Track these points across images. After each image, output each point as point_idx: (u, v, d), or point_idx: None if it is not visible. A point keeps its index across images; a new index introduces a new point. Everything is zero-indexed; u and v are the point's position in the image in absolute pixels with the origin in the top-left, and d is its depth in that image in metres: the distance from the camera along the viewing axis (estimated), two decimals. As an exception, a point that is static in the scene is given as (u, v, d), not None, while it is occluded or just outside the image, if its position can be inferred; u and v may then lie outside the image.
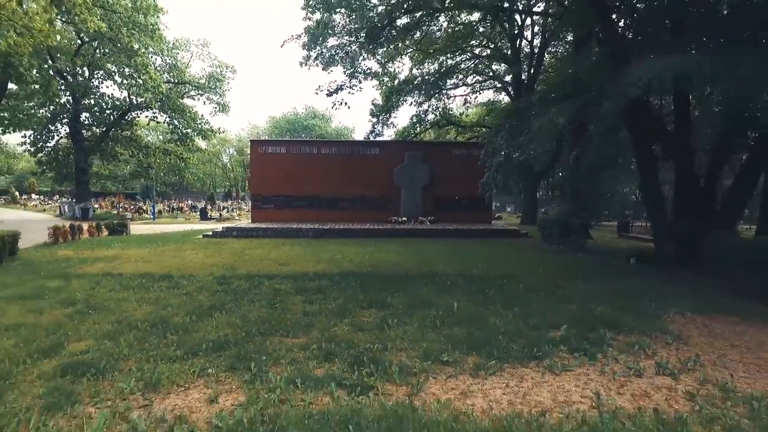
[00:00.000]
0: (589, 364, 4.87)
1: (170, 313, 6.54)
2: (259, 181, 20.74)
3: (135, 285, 8.52)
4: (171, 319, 6.24)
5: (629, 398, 4.07)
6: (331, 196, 20.37)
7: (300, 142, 24.59)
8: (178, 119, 31.12)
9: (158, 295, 7.69)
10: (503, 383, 4.37)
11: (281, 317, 6.36)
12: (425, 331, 5.81)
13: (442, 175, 19.98)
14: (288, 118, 57.32)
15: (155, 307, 6.90)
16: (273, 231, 17.65)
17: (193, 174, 51.77)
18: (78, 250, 13.81)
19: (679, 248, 9.49)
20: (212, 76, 31.57)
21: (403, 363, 4.74)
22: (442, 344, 5.31)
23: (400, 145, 22.38)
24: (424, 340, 5.47)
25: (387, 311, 6.66)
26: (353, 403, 3.82)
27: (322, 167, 20.36)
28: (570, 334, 5.63)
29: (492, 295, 7.66)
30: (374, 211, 20.13)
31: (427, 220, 19.52)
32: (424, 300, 7.28)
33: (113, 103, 30.78)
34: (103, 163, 37.01)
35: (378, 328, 5.88)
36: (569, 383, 4.39)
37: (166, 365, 4.66)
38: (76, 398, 3.95)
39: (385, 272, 9.80)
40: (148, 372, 4.47)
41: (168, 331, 5.75)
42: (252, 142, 21.94)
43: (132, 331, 5.76)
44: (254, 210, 20.91)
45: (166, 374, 4.43)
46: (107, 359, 4.79)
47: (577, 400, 4.02)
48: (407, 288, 8.21)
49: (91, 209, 29.52)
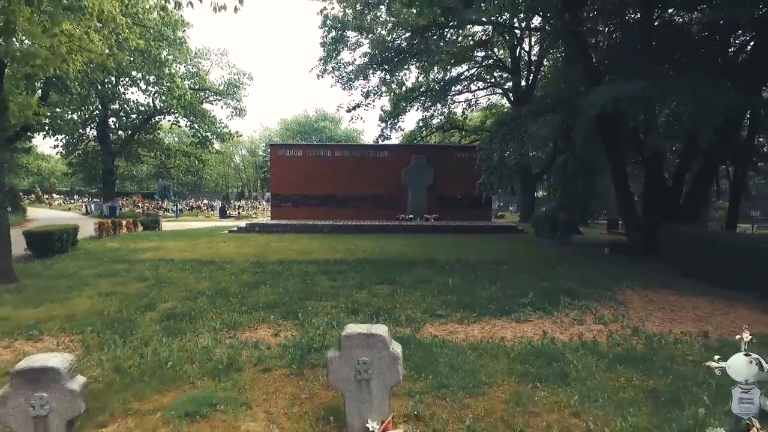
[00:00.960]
0: (546, 317, 6.61)
1: (225, 286, 8.35)
2: (277, 181, 22.60)
3: (188, 268, 10.36)
4: (228, 289, 8.05)
5: (567, 335, 5.81)
6: (344, 196, 22.16)
7: (315, 145, 26.39)
8: (199, 123, 33.14)
9: (210, 275, 9.51)
10: (480, 327, 6.13)
11: (312, 289, 8.15)
12: (425, 297, 7.57)
13: (445, 176, 21.67)
14: (299, 120, 59.37)
15: (211, 283, 8.72)
16: (291, 227, 19.47)
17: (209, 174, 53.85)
18: (123, 242, 15.72)
19: (645, 239, 11.14)
20: (230, 83, 33.56)
21: (409, 315, 6.52)
22: (437, 305, 7.08)
23: (406, 148, 24.08)
24: (424, 302, 7.23)
25: (396, 286, 8.42)
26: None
27: (335, 169, 22.16)
28: (536, 300, 7.35)
29: (481, 275, 9.40)
30: (383, 209, 21.87)
31: (432, 218, 21.24)
32: (425, 278, 9.03)
33: (138, 108, 32.84)
34: (126, 165, 39.13)
35: (389, 296, 7.65)
36: (527, 327, 6.14)
37: (238, 315, 6.48)
38: (182, 331, 5.77)
39: (394, 259, 11.55)
40: (227, 319, 6.28)
41: (229, 296, 7.57)
42: (271, 146, 23.80)
43: (201, 296, 7.58)
44: (273, 208, 22.77)
45: (239, 320, 6.25)
46: (193, 312, 6.61)
47: (530, 335, 5.77)
48: (412, 270, 9.95)
49: (117, 208, 31.59)
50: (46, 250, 11.87)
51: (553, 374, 4.36)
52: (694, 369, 4.47)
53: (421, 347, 5.16)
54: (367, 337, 2.99)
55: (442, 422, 3.47)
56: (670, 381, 4.22)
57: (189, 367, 4.56)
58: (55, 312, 6.61)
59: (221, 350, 5.07)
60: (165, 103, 31.67)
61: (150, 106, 32.57)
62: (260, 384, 4.19)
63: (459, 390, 4.01)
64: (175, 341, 5.40)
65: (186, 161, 38.04)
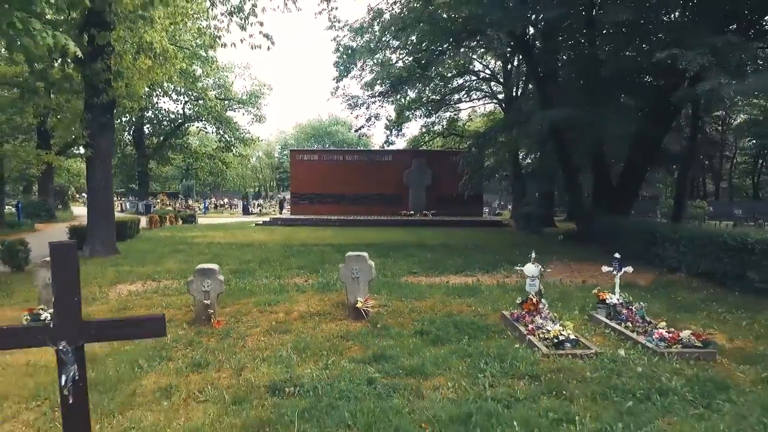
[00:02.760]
0: (485, 274, 9.76)
1: (266, 257, 11.64)
2: (296, 182, 25.97)
3: (234, 247, 13.71)
4: (269, 259, 11.35)
5: (492, 282, 8.96)
6: (354, 194, 25.39)
7: (329, 151, 29.66)
8: (224, 129, 36.81)
9: (252, 252, 12.83)
10: (438, 278, 9.32)
11: (327, 258, 11.38)
12: (408, 264, 10.78)
13: (442, 177, 24.75)
14: (313, 124, 62.97)
15: (255, 255, 12.03)
16: (309, 221, 22.80)
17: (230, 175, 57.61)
18: (172, 232, 19.19)
19: (587, 228, 14.16)
20: (252, 94, 37.12)
21: (393, 272, 9.72)
22: (414, 268, 10.28)
23: (408, 153, 27.26)
24: (406, 266, 10.43)
25: (388, 258, 11.61)
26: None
27: (346, 171, 25.43)
28: (485, 266, 10.49)
29: (454, 252, 12.57)
30: (388, 206, 25.05)
31: (430, 214, 24.36)
32: (412, 254, 12.23)
33: (169, 115, 36.58)
34: (157, 166, 42.94)
35: (382, 263, 10.85)
36: (469, 278, 9.31)
37: (279, 271, 9.76)
38: (248, 276, 9.06)
39: (392, 244, 14.75)
40: (272, 273, 9.56)
41: (270, 262, 10.86)
42: (291, 151, 27.24)
43: (252, 263, 10.86)
44: (293, 205, 26.15)
45: (281, 274, 9.53)
46: (249, 270, 9.90)
47: (468, 282, 8.94)
48: (403, 250, 13.13)
49: (152, 205, 35.32)
50: (121, 234, 15.31)
51: (468, 293, 7.56)
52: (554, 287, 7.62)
53: (395, 284, 8.38)
54: (357, 257, 6.23)
55: (397, 306, 6.70)
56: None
57: (258, 290, 7.85)
58: (158, 269, 9.98)
59: (274, 285, 8.35)
60: (193, 111, 35.39)
61: (180, 114, 36.28)
62: (300, 297, 7.45)
63: (410, 297, 7.24)
64: (241, 280, 8.70)
65: (210, 163, 41.75)
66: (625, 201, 14.24)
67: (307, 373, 4.26)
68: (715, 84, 8.53)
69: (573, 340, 5.03)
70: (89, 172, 11.79)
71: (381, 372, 4.32)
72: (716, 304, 7.02)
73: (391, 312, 6.55)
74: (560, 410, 3.54)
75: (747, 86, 8.25)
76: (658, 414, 3.54)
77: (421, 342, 5.28)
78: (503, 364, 4.49)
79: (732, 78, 8.56)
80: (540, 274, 6.14)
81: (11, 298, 7.37)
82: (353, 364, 4.54)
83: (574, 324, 5.71)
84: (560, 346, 4.93)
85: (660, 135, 13.30)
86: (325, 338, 5.38)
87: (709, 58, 8.72)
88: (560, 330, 5.12)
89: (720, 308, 6.77)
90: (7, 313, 6.44)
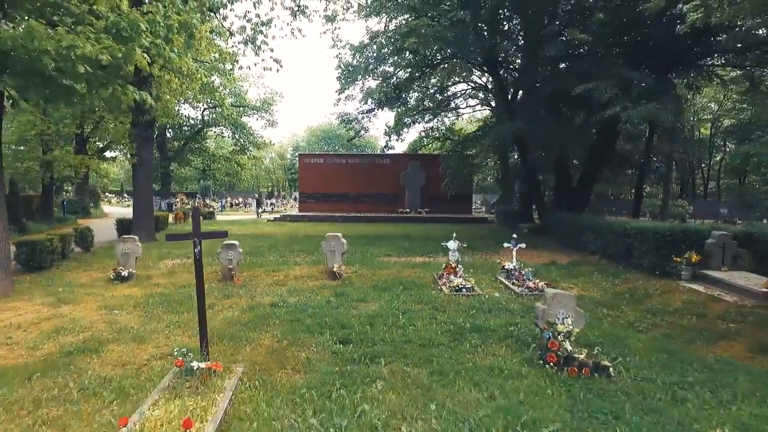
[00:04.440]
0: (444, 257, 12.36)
1: (274, 244, 14.47)
2: (304, 182, 28.83)
3: (248, 237, 16.57)
4: (276, 245, 14.16)
5: (447, 260, 11.62)
6: (356, 194, 28.13)
7: (333, 155, 32.43)
8: (239, 134, 39.94)
9: (263, 240, 15.66)
10: (406, 258, 12.00)
11: (324, 245, 14.15)
12: (388, 248, 13.48)
13: (435, 178, 27.29)
14: (323, 127, 66.05)
15: (266, 243, 14.85)
16: (315, 217, 25.62)
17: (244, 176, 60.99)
18: (196, 226, 22.17)
19: (546, 222, 16.68)
20: (265, 101, 40.18)
21: (373, 253, 12.44)
22: (391, 252, 12.98)
23: (404, 156, 29.91)
24: (384, 250, 13.14)
25: (373, 246, 14.31)
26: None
27: (348, 173, 28.19)
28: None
29: (430, 241, 15.22)
30: (386, 204, 27.74)
31: (424, 211, 26.98)
32: (394, 242, 14.94)
33: (189, 121, 39.82)
34: (178, 168, 46.32)
35: (368, 248, 13.58)
36: (430, 259, 11.96)
37: (284, 253, 12.56)
38: (259, 256, 11.86)
39: (382, 235, 17.45)
40: (279, 254, 12.36)
41: (278, 247, 13.67)
42: (300, 155, 30.17)
43: (263, 247, 13.68)
44: (300, 203, 29.05)
45: (285, 254, 12.32)
46: (260, 252, 12.71)
47: (427, 261, 11.59)
48: (390, 239, 15.82)
49: (173, 204, 38.55)
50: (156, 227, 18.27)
51: (421, 267, 10.25)
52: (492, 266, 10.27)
53: (370, 261, 11.10)
54: (334, 236, 9.00)
55: (364, 273, 9.44)
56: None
57: (266, 263, 10.65)
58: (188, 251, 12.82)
59: (278, 260, 11.14)
60: (211, 117, 38.55)
61: (199, 120, 39.48)
62: (296, 267, 10.22)
63: (376, 268, 9.97)
64: (252, 258, 11.52)
65: (227, 165, 44.95)
66: (582, 200, 16.73)
67: (292, 300, 7.03)
68: (617, 110, 11.09)
69: (469, 287, 7.71)
70: (135, 176, 14.75)
71: (338, 300, 7.08)
72: (597, 273, 9.61)
73: (359, 276, 9.29)
74: (434, 314, 6.25)
75: (639, 112, 10.72)
76: (491, 317, 6.21)
77: (372, 290, 8.00)
78: (415, 298, 7.21)
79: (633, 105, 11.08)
80: (458, 248, 8.80)
81: (92, 266, 10.29)
82: (322, 297, 7.31)
83: (484, 282, 8.39)
84: (458, 291, 7.61)
85: (611, 144, 15.82)
86: (308, 288, 8.13)
87: (616, 90, 11.27)
88: (462, 282, 7.81)
89: (596, 276, 9.37)
90: (93, 274, 9.35)
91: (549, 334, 4.63)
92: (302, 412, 3.56)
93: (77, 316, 6.21)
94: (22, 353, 4.89)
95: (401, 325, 5.83)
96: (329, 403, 3.69)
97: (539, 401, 3.80)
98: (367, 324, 5.82)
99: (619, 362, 4.65)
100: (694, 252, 8.70)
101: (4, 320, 6.06)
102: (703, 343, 5.51)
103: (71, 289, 7.85)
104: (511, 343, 5.23)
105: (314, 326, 5.74)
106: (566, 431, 3.36)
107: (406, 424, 3.39)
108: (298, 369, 4.49)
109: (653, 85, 11.44)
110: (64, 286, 8.23)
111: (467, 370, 4.44)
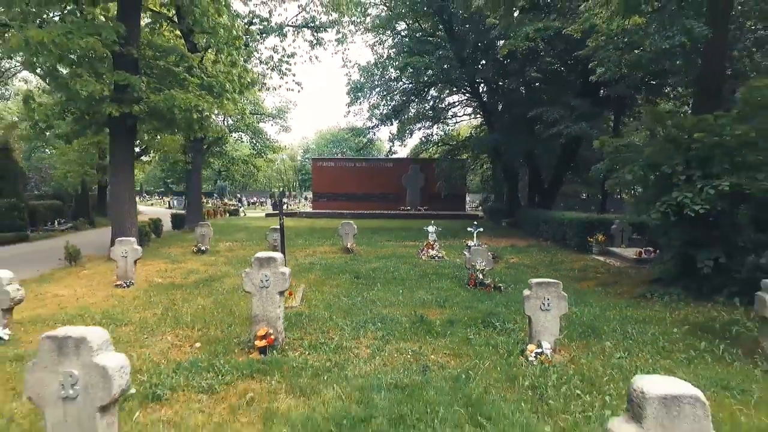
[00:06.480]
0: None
1: (299, 233, 18.22)
2: (317, 183, 32.63)
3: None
4: (301, 234, 17.92)
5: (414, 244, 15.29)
6: (363, 194, 31.85)
7: (343, 159, 36.16)
8: (256, 138, 43.96)
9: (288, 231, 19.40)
10: (400, 243, 15.71)
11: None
12: (388, 236, 17.20)
13: (432, 180, 30.97)
14: (332, 131, 70.02)
15: (291, 233, 18.54)
16: (327, 214, 29.35)
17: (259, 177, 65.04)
18: (227, 221, 26.02)
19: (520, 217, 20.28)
20: (280, 109, 44.15)
21: (376, 239, 16.16)
22: (391, 238, 16.69)
23: (406, 160, 33.66)
24: (386, 237, 16.86)
25: (377, 234, 18.03)
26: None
27: (356, 175, 31.93)
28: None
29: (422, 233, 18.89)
30: (389, 203, 31.42)
31: (423, 209, 30.62)
32: (395, 233, 18.64)
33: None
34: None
35: (372, 236, 17.30)
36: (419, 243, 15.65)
37: (310, 239, 16.31)
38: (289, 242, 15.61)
39: (384, 228, 21.16)
40: (305, 240, 16.11)
41: (302, 235, 17.42)
42: (313, 159, 34.08)
43: (290, 235, 17.38)
44: (314, 202, 32.86)
45: (311, 240, 16.06)
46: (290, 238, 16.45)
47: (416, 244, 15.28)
48: (390, 230, 19.53)
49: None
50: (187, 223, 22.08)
51: (412, 248, 13.95)
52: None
53: (374, 243, 14.82)
54: (347, 223, 12.76)
55: (369, 250, 13.18)
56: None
57: (296, 245, 14.40)
58: (235, 237, 16.63)
59: (306, 243, 14.89)
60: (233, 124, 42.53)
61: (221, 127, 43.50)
62: (319, 247, 13.96)
63: (378, 248, 13.70)
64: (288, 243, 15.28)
65: (244, 167, 48.97)
66: (550, 198, 20.33)
67: (320, 261, 10.79)
68: (560, 128, 14.73)
69: (439, 256, 11.42)
70: (188, 180, 18.65)
71: (352, 261, 10.82)
72: (537, 251, 13.26)
73: (365, 252, 13.01)
74: (412, 268, 9.97)
75: (574, 129, 14.35)
76: (447, 269, 9.89)
77: (374, 258, 11.70)
78: (402, 262, 10.94)
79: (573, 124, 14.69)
80: (435, 231, 12.48)
81: (170, 247, 14.10)
82: (340, 260, 11.05)
83: (454, 255, 12.11)
84: (432, 258, 11.32)
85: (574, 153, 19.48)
86: (331, 257, 11.86)
87: (561, 112, 14.91)
88: (435, 253, 11.52)
89: (536, 252, 13.02)
90: (178, 249, 13.16)
91: (471, 270, 8.32)
92: (337, 296, 7.32)
93: (192, 267, 10.00)
94: (180, 281, 8.67)
95: (391, 271, 9.56)
96: (350, 294, 7.43)
97: (457, 295, 7.50)
98: (370, 271, 9.54)
99: (510, 286, 8.33)
100: (602, 234, 12.33)
101: (153, 267, 9.89)
102: (572, 281, 9.17)
103: (175, 256, 11.66)
104: (454, 279, 8.92)
105: (338, 271, 9.48)
106: (465, 302, 7.06)
107: (387, 299, 7.11)
108: (332, 286, 8.23)
109: (589, 110, 15.07)
110: (168, 254, 12.03)
111: (424, 287, 8.16)
